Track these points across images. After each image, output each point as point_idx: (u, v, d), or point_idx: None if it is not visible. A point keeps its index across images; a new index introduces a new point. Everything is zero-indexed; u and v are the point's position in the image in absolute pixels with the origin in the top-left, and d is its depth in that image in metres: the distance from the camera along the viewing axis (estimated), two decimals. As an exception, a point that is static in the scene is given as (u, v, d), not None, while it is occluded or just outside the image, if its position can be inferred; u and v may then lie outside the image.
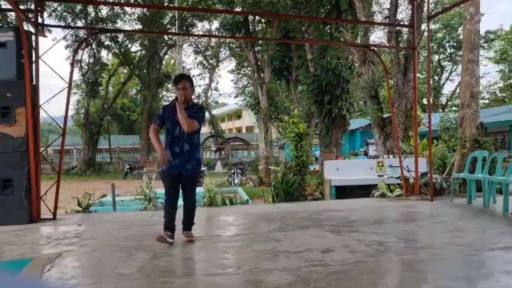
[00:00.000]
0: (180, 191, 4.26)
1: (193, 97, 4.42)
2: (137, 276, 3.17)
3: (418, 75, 25.15)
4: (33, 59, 5.76)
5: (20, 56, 5.56)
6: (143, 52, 27.85)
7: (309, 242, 4.14)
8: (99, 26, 22.35)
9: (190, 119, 4.00)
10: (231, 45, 26.58)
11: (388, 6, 11.94)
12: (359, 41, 12.64)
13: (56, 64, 6.09)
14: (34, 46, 5.80)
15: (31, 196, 5.50)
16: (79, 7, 20.06)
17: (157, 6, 21.56)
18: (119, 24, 23.94)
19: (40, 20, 5.95)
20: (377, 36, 22.63)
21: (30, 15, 5.94)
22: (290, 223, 5.31)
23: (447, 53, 36.74)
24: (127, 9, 23.30)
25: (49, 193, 5.89)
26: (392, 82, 10.88)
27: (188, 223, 4.29)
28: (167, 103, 4.39)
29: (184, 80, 4.19)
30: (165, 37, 26.27)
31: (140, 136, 29.36)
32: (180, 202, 4.29)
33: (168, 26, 24.85)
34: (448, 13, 29.50)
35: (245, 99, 24.31)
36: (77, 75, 26.66)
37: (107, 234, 4.87)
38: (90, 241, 4.45)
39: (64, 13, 22.25)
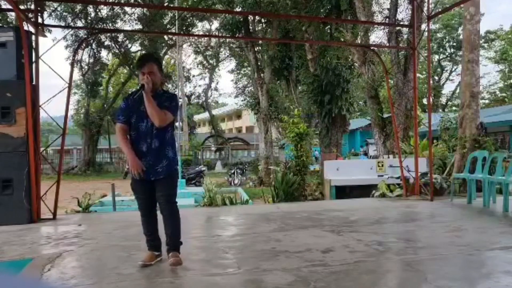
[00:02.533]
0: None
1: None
2: (137, 276, 3.17)
3: (418, 75, 25.16)
4: (33, 59, 5.76)
5: (20, 56, 5.56)
6: (143, 52, 27.83)
7: (309, 242, 4.13)
8: (99, 26, 22.33)
9: (161, 111, 3.26)
10: (231, 45, 26.58)
11: (388, 6, 11.96)
12: (359, 41, 12.64)
13: (56, 64, 6.09)
14: (34, 46, 5.80)
15: (31, 196, 5.50)
16: (79, 7, 20.05)
17: (157, 6, 21.56)
18: (119, 24, 23.91)
19: (40, 20, 5.95)
20: (377, 36, 22.59)
21: (30, 15, 5.95)
22: (290, 223, 5.31)
23: (447, 53, 36.69)
24: (127, 9, 23.29)
25: (49, 193, 5.89)
26: (392, 82, 10.88)
27: (171, 243, 3.41)
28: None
29: (150, 62, 3.36)
30: (165, 37, 26.25)
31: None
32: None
33: (168, 26, 24.82)
34: (448, 13, 29.48)
35: (245, 99, 24.33)
36: (77, 75, 26.70)
37: (107, 234, 4.87)
38: (90, 241, 4.45)
39: (64, 13, 22.24)
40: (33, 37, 5.82)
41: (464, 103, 8.56)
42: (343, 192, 8.93)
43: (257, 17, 18.84)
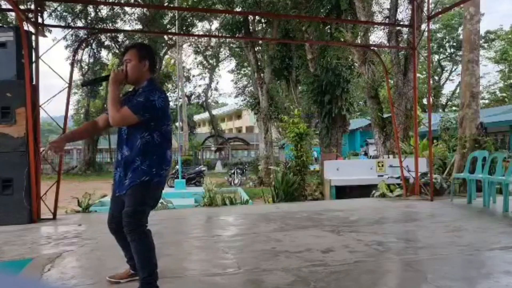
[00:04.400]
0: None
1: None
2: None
3: (418, 75, 25.14)
4: (33, 59, 5.76)
5: (20, 56, 5.55)
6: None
7: (309, 242, 4.13)
8: (99, 26, 22.33)
9: (115, 107, 2.61)
10: (231, 45, 26.59)
11: (388, 6, 11.97)
12: (359, 41, 12.64)
13: (56, 64, 6.09)
14: (34, 46, 5.80)
15: (31, 196, 5.50)
16: (79, 7, 20.04)
17: (157, 6, 21.55)
18: (119, 24, 23.92)
19: (40, 20, 5.95)
20: (377, 36, 22.55)
21: (30, 15, 5.94)
22: (290, 223, 5.31)
23: (447, 53, 36.69)
24: (127, 9, 23.31)
25: (49, 193, 5.89)
26: (392, 82, 10.88)
27: (138, 276, 2.71)
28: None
29: (130, 50, 2.77)
30: (165, 37, 26.25)
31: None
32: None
33: (168, 26, 24.83)
34: (448, 13, 29.48)
35: (245, 99, 24.34)
36: (77, 75, 26.69)
37: (107, 234, 4.82)
38: (90, 241, 4.45)
39: (64, 13, 22.25)
40: (33, 37, 5.82)
41: (464, 103, 8.56)
42: (343, 192, 8.92)
43: (257, 17, 18.84)
